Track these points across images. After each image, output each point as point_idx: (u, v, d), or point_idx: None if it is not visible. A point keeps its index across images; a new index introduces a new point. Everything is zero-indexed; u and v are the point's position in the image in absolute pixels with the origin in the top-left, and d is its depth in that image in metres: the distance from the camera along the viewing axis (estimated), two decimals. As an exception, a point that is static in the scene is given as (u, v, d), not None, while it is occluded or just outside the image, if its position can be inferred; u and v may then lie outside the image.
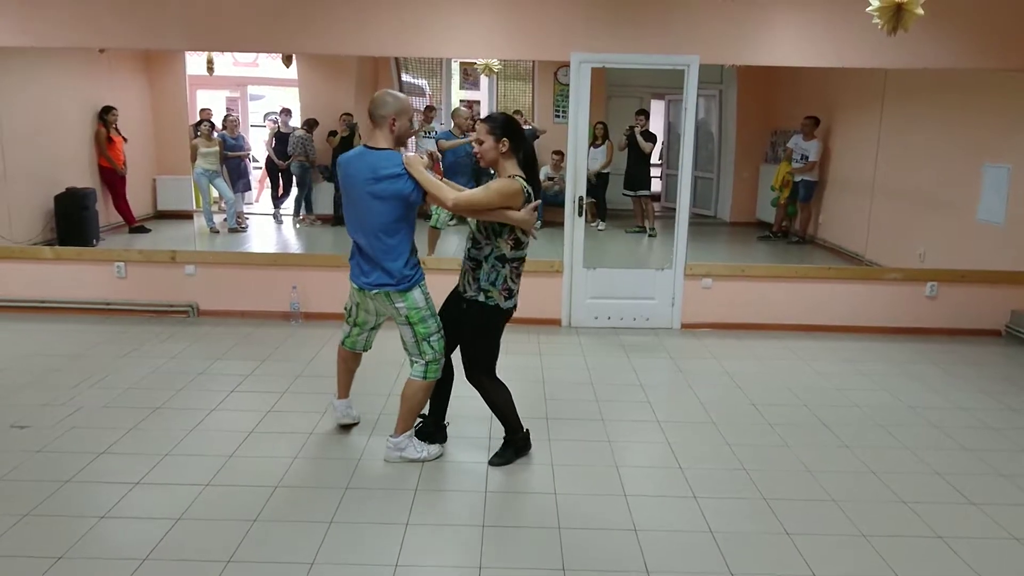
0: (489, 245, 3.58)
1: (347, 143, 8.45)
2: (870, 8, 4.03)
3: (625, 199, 8.80)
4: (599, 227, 8.68)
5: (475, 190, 3.56)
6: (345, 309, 3.96)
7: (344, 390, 4.17)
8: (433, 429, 4.02)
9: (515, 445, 3.89)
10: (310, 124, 8.48)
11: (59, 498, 3.36)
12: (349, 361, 4.11)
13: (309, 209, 8.74)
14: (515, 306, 3.72)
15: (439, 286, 4.01)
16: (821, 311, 6.36)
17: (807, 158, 7.81)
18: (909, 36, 4.75)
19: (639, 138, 8.29)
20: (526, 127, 8.67)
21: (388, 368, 5.06)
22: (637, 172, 8.58)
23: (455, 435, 4.14)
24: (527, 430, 3.96)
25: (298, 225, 8.72)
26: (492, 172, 3.70)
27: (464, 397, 4.68)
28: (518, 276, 3.68)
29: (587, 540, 3.15)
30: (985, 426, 4.46)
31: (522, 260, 3.67)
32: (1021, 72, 5.97)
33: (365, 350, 4.09)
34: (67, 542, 3.01)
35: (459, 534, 3.17)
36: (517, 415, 3.89)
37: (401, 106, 3.55)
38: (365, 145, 3.60)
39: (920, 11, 3.82)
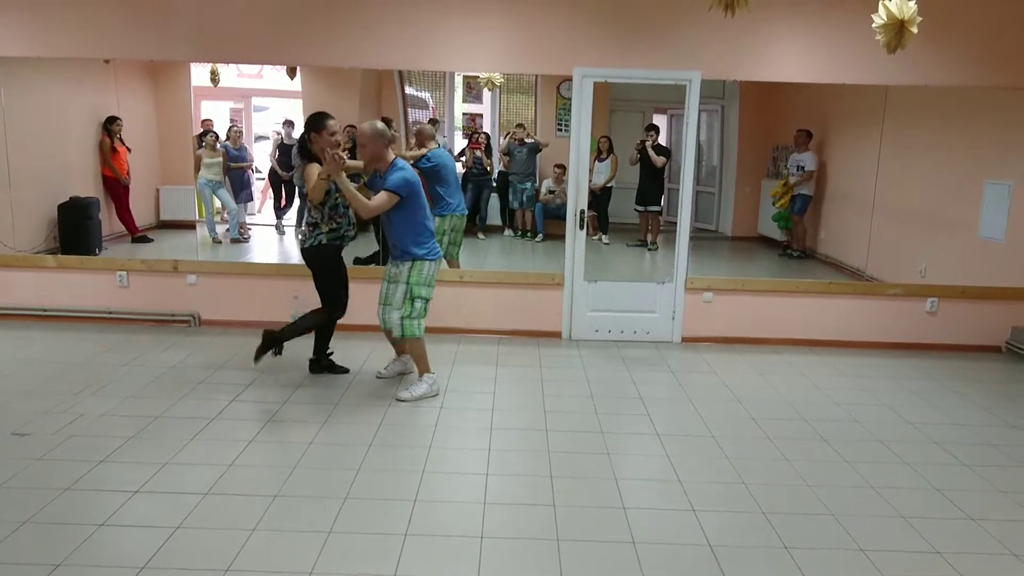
0: None
1: (351, 155, 8.47)
2: (875, 25, 4.05)
3: (628, 213, 8.80)
4: (604, 240, 8.69)
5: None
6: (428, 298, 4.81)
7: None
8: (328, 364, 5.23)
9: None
10: None
11: (58, 505, 3.36)
12: None
13: None
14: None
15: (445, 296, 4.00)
16: (821, 326, 6.37)
17: (803, 168, 7.82)
18: (909, 53, 4.77)
19: (651, 152, 8.27)
20: (527, 140, 8.74)
21: (386, 381, 5.10)
22: (649, 187, 8.55)
23: (454, 447, 4.16)
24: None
25: (300, 236, 8.74)
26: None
27: (464, 409, 4.71)
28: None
29: (585, 552, 3.15)
30: (984, 442, 4.46)
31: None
32: (1021, 90, 6.00)
33: None
34: (66, 549, 3.02)
35: (457, 545, 3.17)
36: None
37: None
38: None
39: (915, 29, 3.85)
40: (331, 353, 5.27)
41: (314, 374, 5.21)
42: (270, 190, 9.17)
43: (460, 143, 9.19)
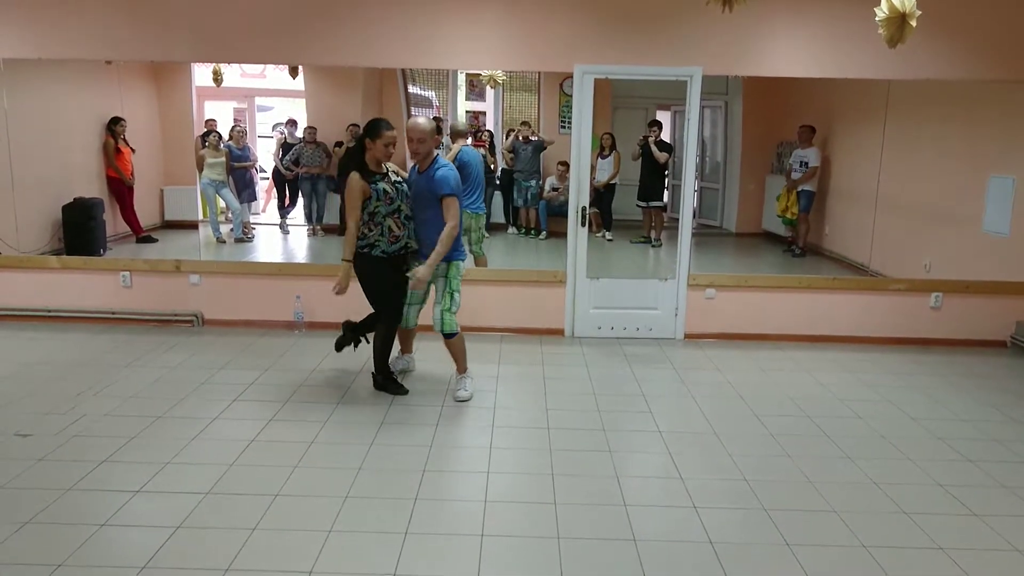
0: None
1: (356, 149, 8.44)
2: (878, 18, 4.04)
3: (631, 209, 8.79)
4: (607, 237, 8.67)
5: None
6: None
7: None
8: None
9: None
10: (308, 132, 8.51)
11: (60, 506, 3.37)
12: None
13: (319, 219, 8.76)
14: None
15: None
16: (824, 322, 6.35)
17: (807, 164, 7.79)
18: (911, 47, 4.76)
19: (653, 148, 8.26)
20: (532, 138, 8.73)
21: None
22: (651, 183, 8.53)
23: (455, 445, 4.16)
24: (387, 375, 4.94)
25: (319, 235, 8.74)
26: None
27: (466, 406, 4.71)
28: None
29: (586, 550, 3.14)
30: (988, 438, 4.44)
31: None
32: (1025, 83, 5.98)
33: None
34: (67, 550, 3.03)
35: (458, 543, 3.17)
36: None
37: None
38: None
39: (914, 23, 3.83)
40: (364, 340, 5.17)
41: (343, 336, 5.14)
42: (274, 189, 9.18)
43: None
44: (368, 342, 5.07)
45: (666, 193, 9.02)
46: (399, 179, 4.74)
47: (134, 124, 7.67)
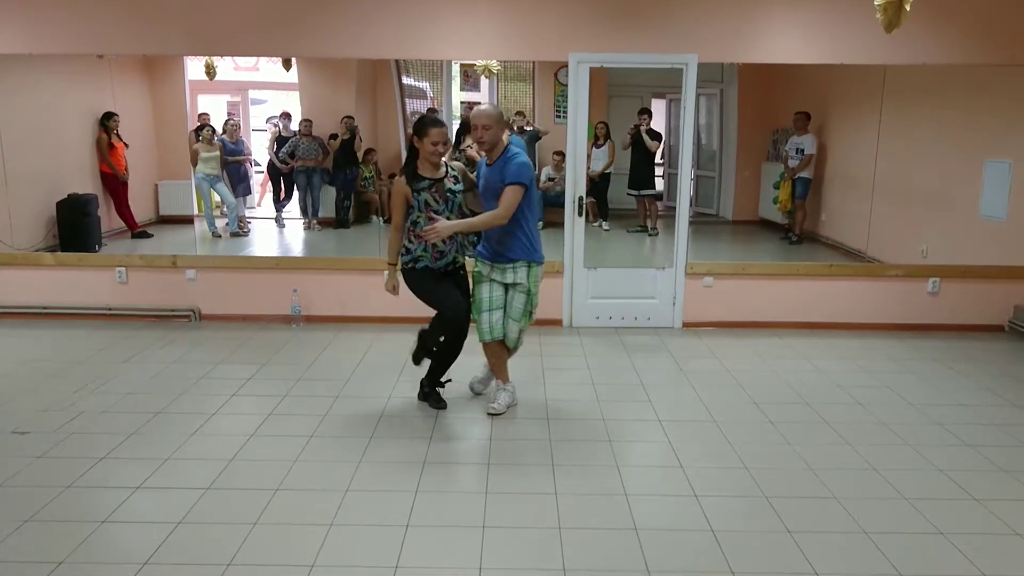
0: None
1: (348, 146, 8.44)
2: (876, 3, 4.03)
3: (627, 198, 8.77)
4: (604, 227, 8.66)
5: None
6: None
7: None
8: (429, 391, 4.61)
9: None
10: (304, 125, 8.47)
11: (60, 503, 3.36)
12: None
13: (315, 213, 8.73)
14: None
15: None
16: (822, 309, 6.35)
17: (803, 151, 7.78)
18: (907, 32, 4.75)
19: (645, 137, 8.24)
20: (528, 128, 8.71)
21: (387, 373, 5.09)
22: (642, 171, 8.52)
23: (455, 437, 4.15)
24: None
25: (315, 228, 8.72)
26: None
27: (466, 398, 4.70)
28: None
29: (588, 540, 3.14)
30: (988, 422, 4.45)
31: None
32: (1021, 67, 5.95)
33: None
34: (68, 547, 3.02)
35: (460, 535, 3.17)
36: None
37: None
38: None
39: (907, 7, 3.83)
40: (447, 381, 4.65)
41: (419, 400, 4.65)
42: (269, 183, 9.15)
43: (459, 132, 9.16)
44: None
45: (659, 181, 9.00)
46: (456, 187, 4.29)
47: (127, 119, 7.63)
